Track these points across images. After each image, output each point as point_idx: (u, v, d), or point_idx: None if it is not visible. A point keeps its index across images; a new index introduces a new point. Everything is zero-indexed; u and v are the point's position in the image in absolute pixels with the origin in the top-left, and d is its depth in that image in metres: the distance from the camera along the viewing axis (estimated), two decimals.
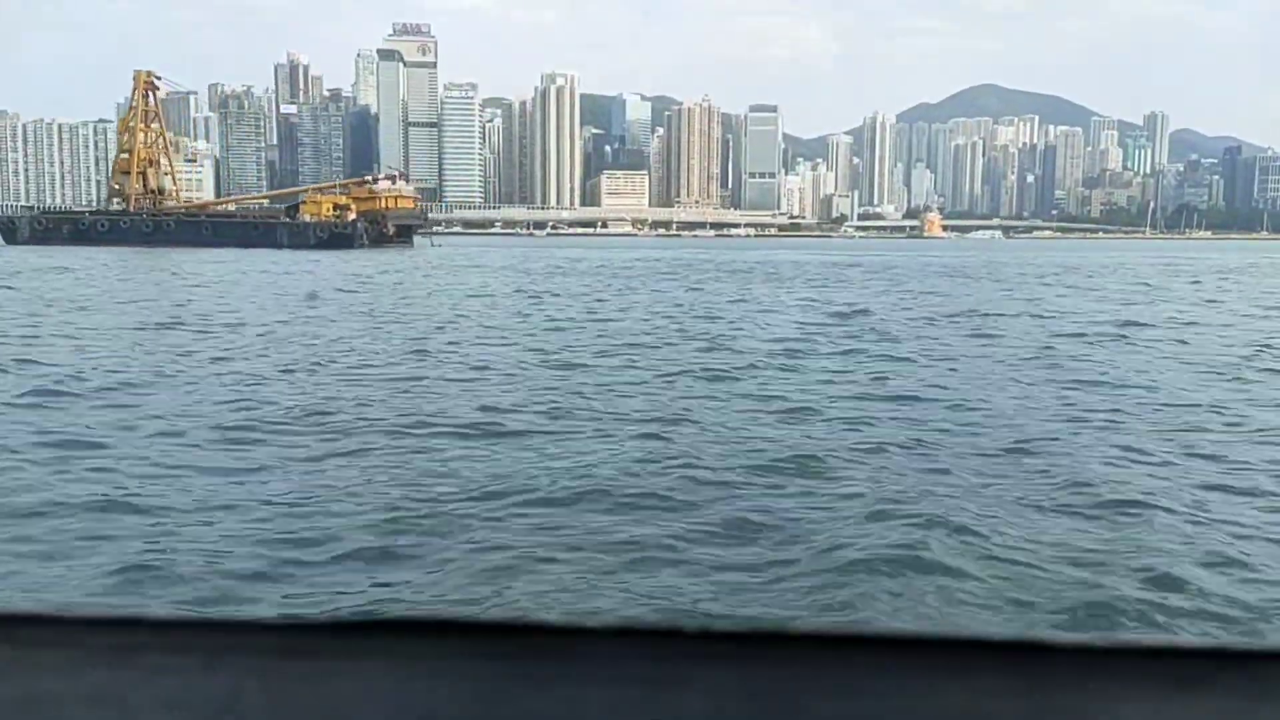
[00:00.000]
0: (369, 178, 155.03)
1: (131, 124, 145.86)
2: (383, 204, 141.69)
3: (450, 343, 31.31)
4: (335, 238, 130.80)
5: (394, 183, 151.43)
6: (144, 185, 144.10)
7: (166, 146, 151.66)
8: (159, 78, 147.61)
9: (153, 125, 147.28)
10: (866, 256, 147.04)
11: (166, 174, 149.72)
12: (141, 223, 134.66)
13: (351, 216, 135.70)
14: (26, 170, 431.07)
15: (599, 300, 52.64)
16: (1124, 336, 34.87)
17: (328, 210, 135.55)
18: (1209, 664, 0.95)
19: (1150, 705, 0.91)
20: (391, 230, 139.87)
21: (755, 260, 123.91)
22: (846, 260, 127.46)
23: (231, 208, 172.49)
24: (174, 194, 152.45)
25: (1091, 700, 0.91)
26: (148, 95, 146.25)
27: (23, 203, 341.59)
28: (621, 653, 0.96)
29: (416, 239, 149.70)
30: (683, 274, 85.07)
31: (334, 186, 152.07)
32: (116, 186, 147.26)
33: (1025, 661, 0.96)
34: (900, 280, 78.16)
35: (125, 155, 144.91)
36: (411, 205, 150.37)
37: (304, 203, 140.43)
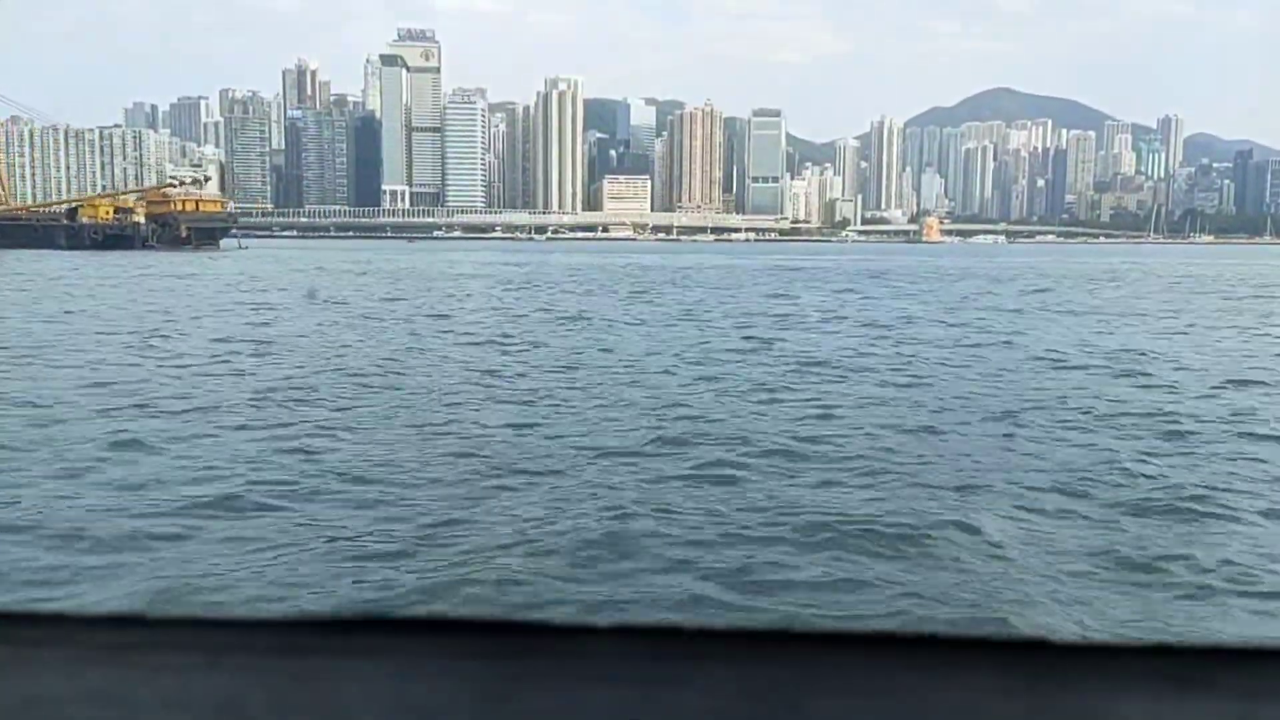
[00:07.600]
0: (171, 181, 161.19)
1: None
2: (178, 207, 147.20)
3: None
4: (112, 239, 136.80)
5: (200, 186, 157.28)
6: None
7: None
8: None
9: None
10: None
11: None
12: None
13: (137, 219, 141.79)
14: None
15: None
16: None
17: (105, 213, 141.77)
18: (1208, 663, 0.95)
19: (1149, 704, 0.91)
20: (184, 233, 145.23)
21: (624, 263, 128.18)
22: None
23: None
24: (2, 199, 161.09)
25: (1091, 699, 0.91)
26: None
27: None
28: (621, 652, 0.96)
29: (224, 242, 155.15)
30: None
31: (130, 193, 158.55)
32: None
33: (1025, 661, 0.95)
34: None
35: None
36: (216, 208, 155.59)
37: (82, 205, 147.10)
